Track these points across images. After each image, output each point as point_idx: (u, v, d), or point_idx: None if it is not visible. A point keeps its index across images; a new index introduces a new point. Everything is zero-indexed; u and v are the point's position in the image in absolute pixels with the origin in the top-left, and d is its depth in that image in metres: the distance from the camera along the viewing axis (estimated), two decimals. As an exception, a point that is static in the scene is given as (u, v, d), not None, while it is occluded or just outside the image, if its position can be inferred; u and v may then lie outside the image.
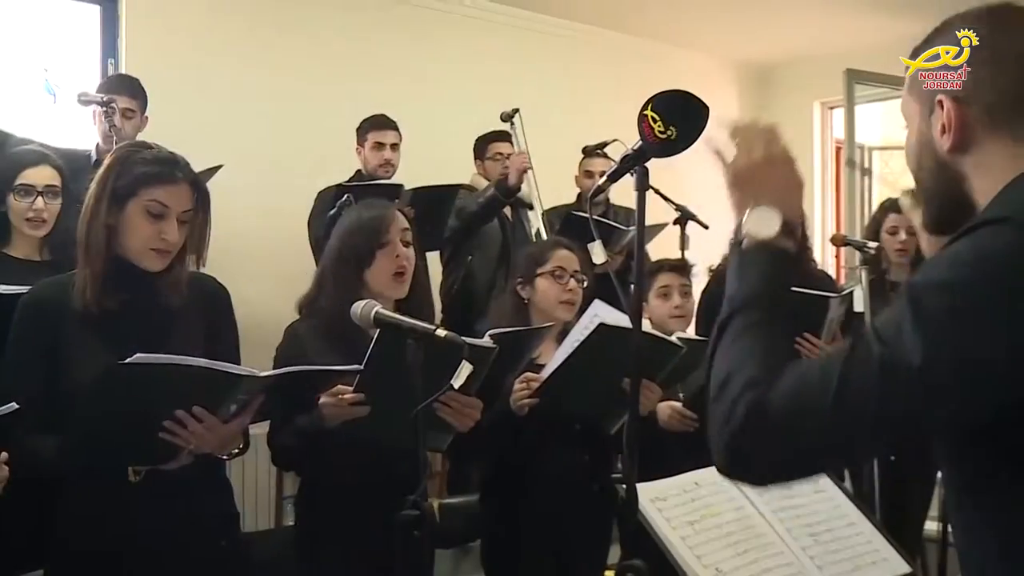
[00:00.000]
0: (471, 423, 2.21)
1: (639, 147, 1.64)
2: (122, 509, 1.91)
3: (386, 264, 2.32)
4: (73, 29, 4.58)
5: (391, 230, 2.34)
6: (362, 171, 4.35)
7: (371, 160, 4.32)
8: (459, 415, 2.18)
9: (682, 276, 3.07)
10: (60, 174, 2.88)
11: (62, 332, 1.94)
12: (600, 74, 6.13)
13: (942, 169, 1.18)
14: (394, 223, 2.36)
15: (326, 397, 2.07)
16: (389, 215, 2.37)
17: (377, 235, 2.33)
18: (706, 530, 1.84)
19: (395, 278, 2.33)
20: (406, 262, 2.34)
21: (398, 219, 2.38)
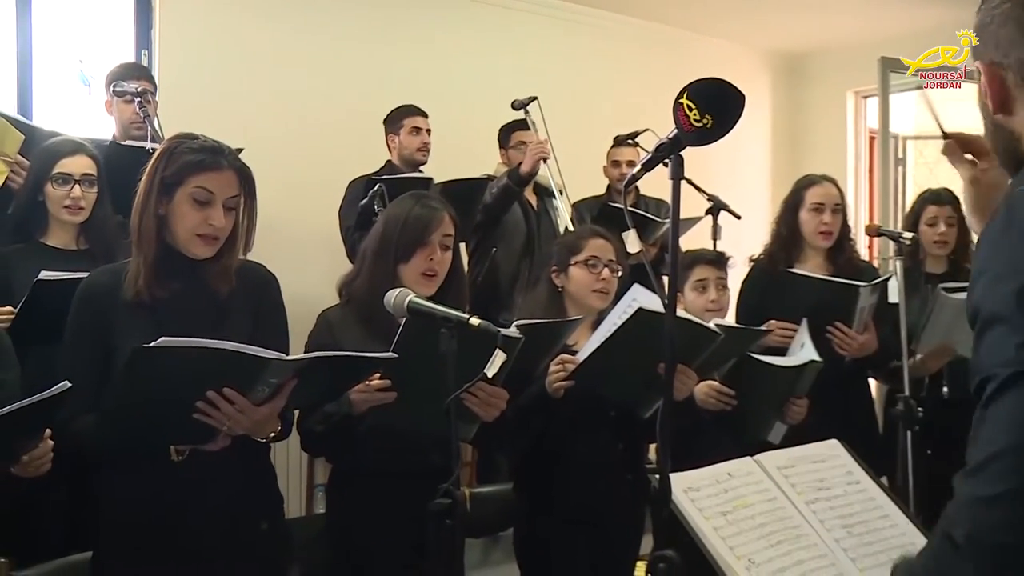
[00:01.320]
0: (496, 413, 2.23)
1: (674, 136, 1.63)
2: (166, 489, 1.95)
3: (420, 263, 2.36)
4: (108, 21, 4.62)
5: (435, 233, 2.38)
6: (392, 161, 4.36)
7: (409, 145, 4.33)
8: (485, 405, 2.20)
9: (718, 269, 3.04)
10: (95, 163, 2.91)
11: (114, 320, 1.99)
12: (630, 64, 6.10)
13: (998, 131, 1.21)
14: (440, 227, 2.39)
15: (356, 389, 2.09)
16: (437, 218, 2.40)
17: (421, 235, 2.36)
18: (739, 521, 1.83)
19: (424, 278, 2.36)
20: (438, 266, 2.38)
21: (445, 223, 2.41)
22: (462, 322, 1.85)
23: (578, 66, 5.87)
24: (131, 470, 1.98)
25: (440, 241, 2.39)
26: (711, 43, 6.49)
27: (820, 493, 1.95)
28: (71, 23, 4.52)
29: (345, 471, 2.43)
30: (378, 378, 2.10)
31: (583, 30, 5.96)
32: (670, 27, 6.29)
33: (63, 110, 4.38)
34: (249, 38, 4.78)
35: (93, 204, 2.90)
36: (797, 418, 2.88)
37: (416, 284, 2.32)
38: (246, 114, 4.50)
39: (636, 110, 5.23)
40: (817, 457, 2.05)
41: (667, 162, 1.66)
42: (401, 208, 2.45)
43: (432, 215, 2.41)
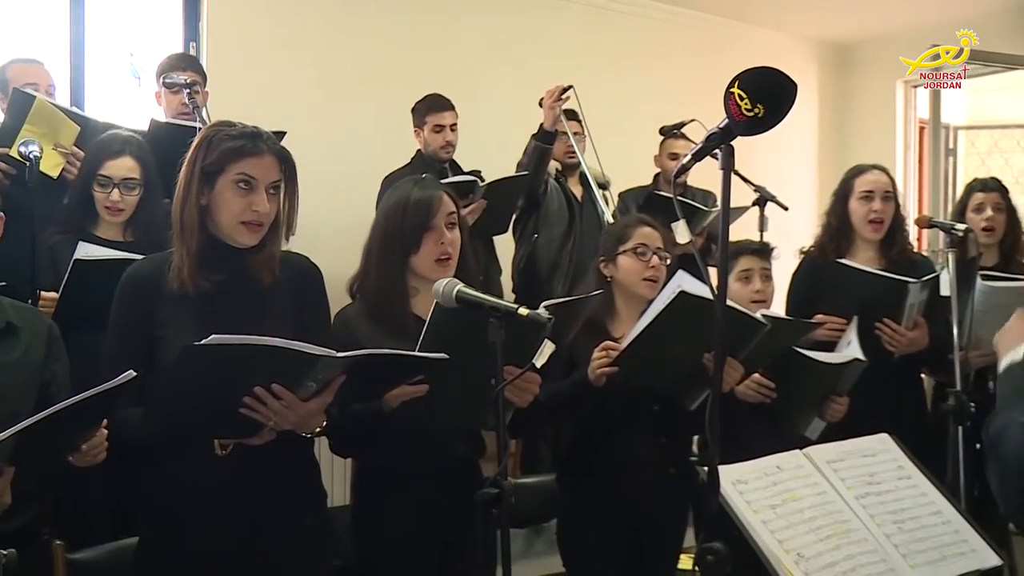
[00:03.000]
0: (530, 398, 2.20)
1: (725, 125, 1.61)
2: (210, 482, 1.95)
3: (431, 249, 2.31)
4: (157, 13, 4.69)
5: (437, 215, 2.32)
6: (423, 152, 4.35)
7: (432, 142, 4.29)
8: (519, 391, 2.17)
9: (763, 260, 3.01)
10: (140, 164, 2.95)
11: (158, 311, 1.98)
12: (674, 54, 6.06)
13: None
14: (441, 207, 2.32)
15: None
16: (436, 199, 2.33)
17: (425, 219, 2.30)
18: (788, 514, 1.82)
19: (439, 263, 2.30)
20: (451, 248, 2.32)
21: (445, 203, 2.34)
22: (510, 312, 1.84)
23: (622, 56, 5.84)
24: (175, 461, 1.98)
25: (446, 221, 2.33)
26: (757, 33, 6.41)
27: (870, 487, 1.93)
28: (122, 17, 4.59)
29: (371, 464, 2.41)
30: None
31: (626, 20, 5.92)
32: (715, 17, 6.23)
33: (114, 102, 4.45)
34: (294, 29, 4.81)
35: (136, 203, 2.95)
36: (836, 416, 2.85)
37: (432, 272, 2.27)
38: (291, 104, 4.53)
39: (681, 100, 5.20)
40: (867, 451, 2.03)
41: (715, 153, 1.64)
42: (398, 195, 2.39)
43: (431, 196, 2.34)
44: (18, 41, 4.18)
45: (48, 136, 3.05)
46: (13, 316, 2.03)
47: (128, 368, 1.77)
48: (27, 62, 3.55)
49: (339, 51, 4.89)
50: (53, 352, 2.06)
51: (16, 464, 1.70)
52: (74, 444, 1.80)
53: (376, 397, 2.12)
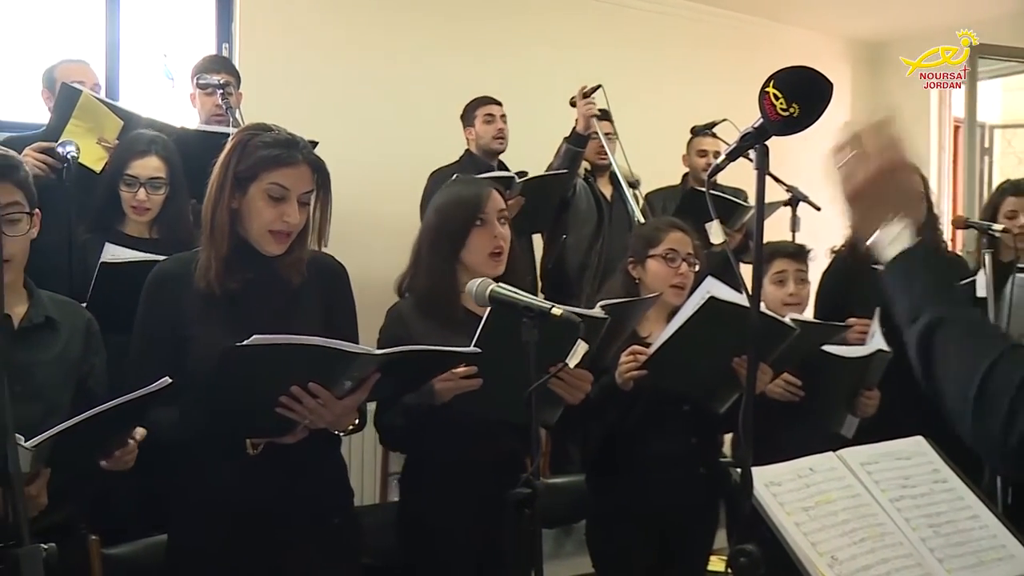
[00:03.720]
0: (582, 396, 2.21)
1: (759, 125, 1.60)
2: (240, 481, 1.96)
3: (483, 243, 2.32)
4: (190, 15, 4.73)
5: (487, 209, 2.33)
6: (471, 151, 4.38)
7: (484, 134, 4.33)
8: (570, 388, 2.18)
9: (798, 262, 2.99)
10: (166, 163, 2.98)
11: (185, 310, 1.99)
12: (706, 54, 6.03)
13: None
14: (491, 201, 2.34)
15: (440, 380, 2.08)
16: (485, 193, 2.35)
17: (474, 212, 2.32)
18: (821, 516, 1.80)
19: (492, 257, 2.32)
20: (503, 241, 2.33)
21: (494, 197, 2.36)
22: (544, 311, 1.84)
23: (652, 56, 5.81)
24: (206, 461, 2.00)
25: (497, 216, 2.34)
26: (789, 31, 6.36)
27: (905, 491, 1.90)
28: (156, 19, 4.63)
29: (419, 461, 2.43)
30: (463, 366, 2.09)
31: (658, 19, 5.89)
32: (747, 16, 6.19)
33: (149, 103, 4.49)
34: (326, 31, 4.84)
35: (163, 202, 2.98)
36: (868, 411, 2.82)
37: (484, 266, 2.29)
38: (324, 106, 4.56)
39: (712, 100, 5.17)
40: (902, 454, 2.01)
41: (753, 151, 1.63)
42: (445, 193, 2.41)
43: (480, 192, 2.35)
44: (56, 43, 4.23)
45: (93, 130, 3.11)
46: (52, 310, 2.05)
47: (153, 367, 1.79)
48: (74, 62, 3.62)
49: (370, 52, 4.91)
50: (91, 346, 2.08)
51: (51, 466, 1.71)
52: (107, 448, 1.82)
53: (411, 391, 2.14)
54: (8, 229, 1.90)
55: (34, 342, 1.99)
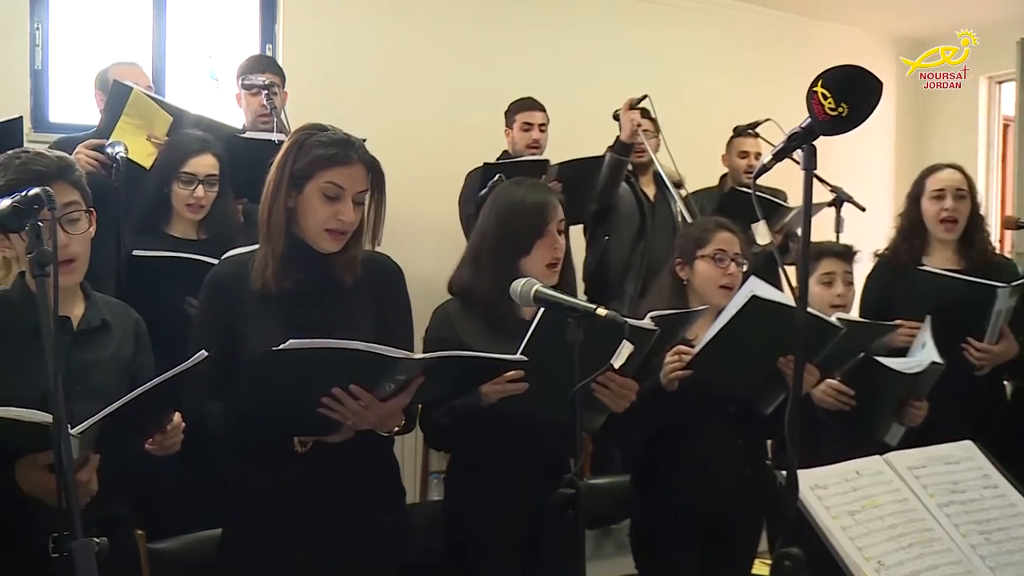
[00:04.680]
0: (626, 404, 2.21)
1: (807, 125, 1.58)
2: (291, 478, 1.98)
3: (544, 253, 2.34)
4: (235, 17, 4.79)
5: (552, 222, 2.35)
6: (509, 152, 4.40)
7: (520, 141, 4.36)
8: (615, 396, 2.18)
9: (845, 263, 2.95)
10: (219, 161, 3.01)
11: (241, 309, 2.02)
12: (749, 53, 5.98)
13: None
14: (555, 214, 2.37)
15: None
16: (552, 205, 2.37)
17: (540, 225, 2.34)
18: (867, 521, 1.78)
19: (549, 268, 2.34)
20: (560, 254, 2.36)
21: (558, 210, 2.38)
22: (589, 312, 1.83)
23: (695, 56, 5.78)
24: (258, 458, 2.02)
25: (557, 227, 2.37)
26: (833, 29, 6.29)
27: (954, 496, 1.88)
28: (201, 21, 4.69)
29: (463, 460, 2.44)
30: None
31: (700, 19, 5.86)
32: (790, 14, 6.13)
33: (194, 104, 4.54)
34: (369, 31, 4.87)
35: (213, 200, 3.01)
36: (916, 421, 2.78)
37: (541, 276, 2.29)
38: (366, 106, 4.58)
39: (754, 100, 5.13)
40: (950, 458, 1.98)
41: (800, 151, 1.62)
42: (511, 197, 2.41)
43: (546, 202, 2.37)
44: (106, 46, 4.31)
45: (143, 127, 3.15)
46: (106, 313, 2.08)
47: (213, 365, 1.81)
48: (126, 64, 3.68)
49: (412, 52, 4.94)
50: (141, 347, 2.11)
51: (99, 451, 1.74)
52: (152, 429, 1.85)
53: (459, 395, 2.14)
54: (69, 228, 1.93)
55: (91, 343, 2.02)
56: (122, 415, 1.69)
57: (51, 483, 1.63)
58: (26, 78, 4.13)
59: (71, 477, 1.45)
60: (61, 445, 1.45)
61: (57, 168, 1.95)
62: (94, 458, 1.72)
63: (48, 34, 4.20)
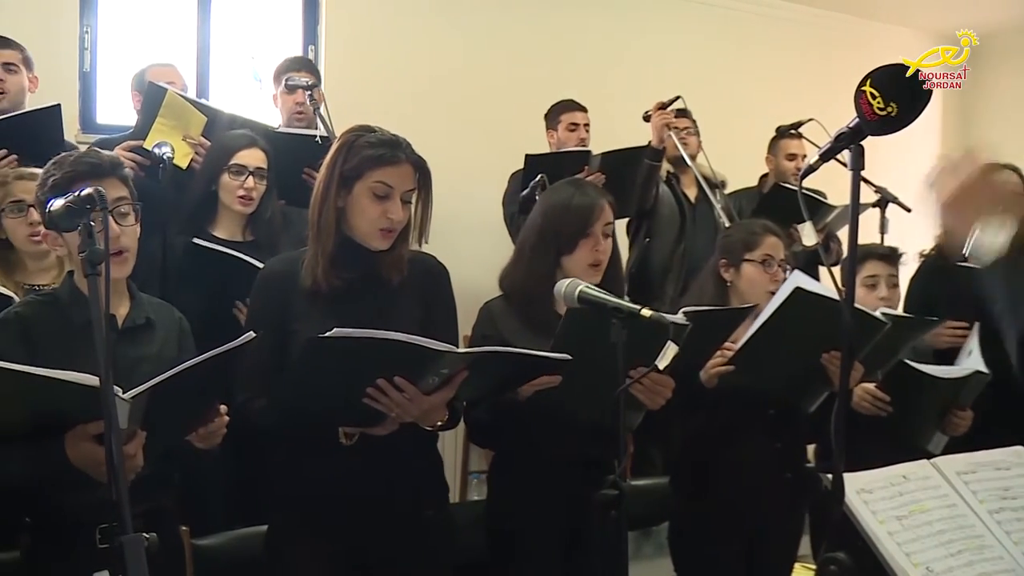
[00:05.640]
0: (662, 402, 2.20)
1: (855, 125, 1.57)
2: (337, 472, 2.01)
3: (586, 254, 2.35)
4: (277, 18, 4.84)
5: (597, 223, 2.36)
6: None
7: (567, 142, 4.35)
8: (651, 393, 2.18)
9: (890, 266, 2.91)
10: (267, 157, 3.03)
11: (291, 306, 2.06)
12: (792, 53, 5.94)
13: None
14: (602, 216, 2.37)
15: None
16: (599, 207, 2.38)
17: (584, 225, 2.35)
18: (915, 526, 1.75)
19: (591, 268, 2.35)
20: (603, 256, 2.36)
21: (606, 212, 2.39)
22: (633, 313, 1.83)
23: (737, 56, 5.74)
24: (304, 452, 2.05)
25: (603, 230, 2.37)
26: (876, 28, 6.21)
27: (1005, 502, 1.84)
28: (245, 23, 4.75)
29: (508, 458, 2.45)
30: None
31: (741, 18, 5.82)
32: (833, 12, 6.06)
33: (237, 103, 4.60)
34: (411, 31, 4.89)
35: (261, 196, 3.02)
36: (959, 431, 2.75)
37: (583, 275, 2.30)
38: (408, 106, 4.60)
39: (797, 99, 5.08)
40: (1001, 464, 1.94)
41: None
42: (560, 197, 2.43)
43: (593, 204, 2.38)
44: (151, 48, 4.38)
45: (178, 128, 3.19)
46: (151, 311, 2.12)
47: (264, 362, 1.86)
48: (163, 65, 3.74)
49: (454, 53, 4.95)
50: (184, 345, 2.15)
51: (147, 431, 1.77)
52: (198, 419, 1.88)
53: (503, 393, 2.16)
54: (121, 221, 1.98)
55: (135, 341, 2.06)
56: (171, 390, 1.72)
57: (99, 455, 1.68)
58: (75, 80, 4.21)
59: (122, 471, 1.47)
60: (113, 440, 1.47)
61: (109, 164, 2.01)
62: (141, 434, 1.75)
63: (96, 37, 4.27)
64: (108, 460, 1.48)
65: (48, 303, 2.06)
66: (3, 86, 3.30)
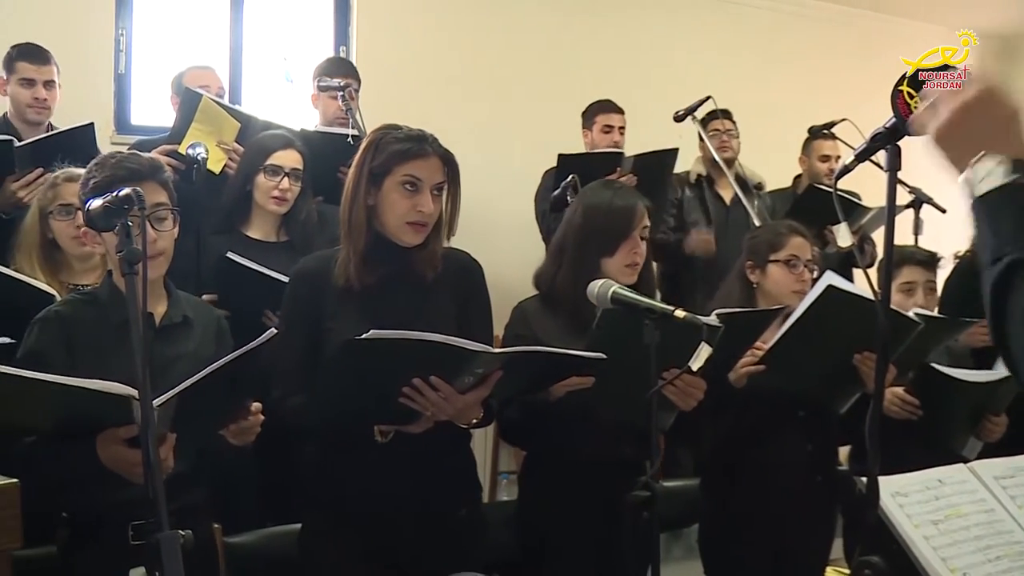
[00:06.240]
0: (694, 403, 2.19)
1: (892, 125, 1.55)
2: (371, 469, 2.02)
3: (625, 256, 2.35)
4: (309, 19, 4.87)
5: (637, 226, 2.36)
6: None
7: (600, 143, 4.36)
8: (683, 394, 2.17)
9: (928, 271, 2.87)
10: (303, 159, 3.05)
11: (325, 304, 2.07)
12: (823, 51, 5.88)
13: None
14: (641, 219, 2.38)
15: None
16: (639, 210, 2.38)
17: (626, 229, 2.35)
18: (952, 531, 1.73)
19: (627, 269, 2.35)
20: (640, 258, 2.37)
21: (644, 215, 2.39)
22: (666, 314, 1.82)
23: (769, 55, 5.72)
24: (339, 450, 2.06)
25: (641, 233, 2.38)
26: (909, 26, 6.14)
27: (1045, 508, 1.81)
28: (277, 23, 4.79)
29: (539, 458, 2.45)
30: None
31: (773, 17, 5.79)
32: (866, 11, 6.01)
33: (268, 104, 4.64)
34: (442, 31, 4.91)
35: (296, 197, 3.03)
36: (992, 436, 2.71)
37: (620, 275, 2.31)
38: (440, 106, 4.60)
39: (828, 100, 5.04)
40: (1040, 468, 1.91)
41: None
42: (600, 199, 2.43)
43: (634, 207, 2.39)
44: (183, 48, 4.42)
45: (212, 133, 3.22)
46: (188, 309, 2.14)
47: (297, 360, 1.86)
48: (201, 68, 3.79)
49: (485, 52, 4.96)
50: (222, 344, 2.16)
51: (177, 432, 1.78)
52: (229, 416, 1.89)
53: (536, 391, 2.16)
54: (157, 226, 2.00)
55: (172, 339, 2.08)
56: (198, 393, 1.73)
57: (129, 457, 1.71)
58: (110, 82, 4.26)
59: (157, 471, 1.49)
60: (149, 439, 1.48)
61: (149, 168, 2.02)
62: (171, 437, 1.77)
63: (131, 39, 4.32)
64: (145, 460, 1.50)
65: (87, 301, 2.09)
66: (47, 103, 3.38)
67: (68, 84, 3.53)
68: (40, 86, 3.36)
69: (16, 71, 3.35)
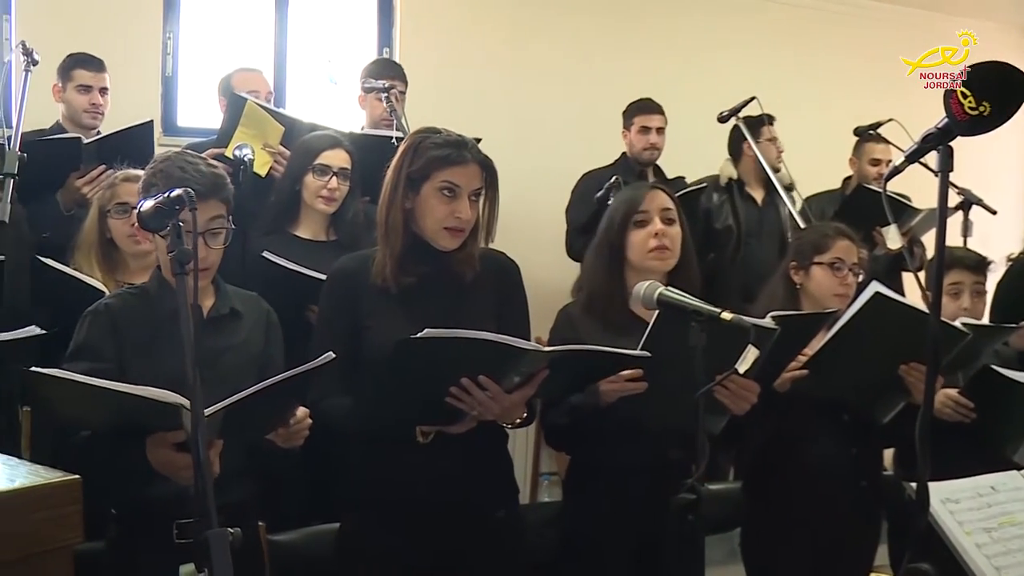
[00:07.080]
0: (747, 407, 2.16)
1: (944, 125, 1.53)
2: (411, 470, 2.02)
3: (641, 241, 2.30)
4: (353, 22, 4.90)
5: (647, 206, 2.32)
6: (627, 154, 4.38)
7: (636, 143, 4.35)
8: (736, 398, 2.14)
9: (976, 274, 2.82)
10: (351, 159, 3.07)
11: (363, 304, 2.08)
12: (868, 50, 5.80)
13: None
14: (650, 199, 2.33)
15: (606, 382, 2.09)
16: (644, 193, 2.36)
17: (629, 213, 2.32)
18: (1005, 539, 1.70)
19: (654, 252, 2.29)
20: (665, 240, 2.29)
21: (657, 196, 2.35)
22: (713, 316, 1.81)
23: (813, 55, 5.66)
24: (377, 451, 2.07)
25: (660, 214, 2.32)
26: (957, 23, 6.03)
27: (1108, 518, 1.77)
28: (321, 25, 4.82)
29: (584, 462, 2.43)
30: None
31: (817, 16, 5.73)
32: (913, 9, 5.91)
33: (313, 105, 4.68)
34: (484, 33, 4.92)
35: (344, 197, 3.06)
36: None
37: (645, 261, 2.29)
38: (483, 106, 4.63)
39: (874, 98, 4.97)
40: (1097, 476, 1.87)
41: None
42: (616, 198, 2.44)
43: (639, 191, 2.37)
44: (229, 51, 4.48)
45: (258, 136, 3.27)
46: (237, 303, 2.17)
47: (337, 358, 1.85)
48: (249, 70, 3.84)
49: (528, 54, 4.96)
50: (271, 338, 2.18)
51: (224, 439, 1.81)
52: (275, 422, 1.91)
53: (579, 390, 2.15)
54: (211, 242, 2.03)
55: (220, 330, 2.11)
56: (247, 405, 1.75)
57: (178, 461, 1.75)
58: (158, 84, 4.32)
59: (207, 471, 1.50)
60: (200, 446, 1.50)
61: (212, 186, 2.02)
62: (217, 443, 1.79)
63: (178, 42, 4.38)
64: (195, 461, 1.52)
65: (137, 295, 2.12)
66: (101, 108, 3.54)
67: (116, 87, 3.62)
68: (96, 92, 3.52)
69: (73, 78, 3.51)
